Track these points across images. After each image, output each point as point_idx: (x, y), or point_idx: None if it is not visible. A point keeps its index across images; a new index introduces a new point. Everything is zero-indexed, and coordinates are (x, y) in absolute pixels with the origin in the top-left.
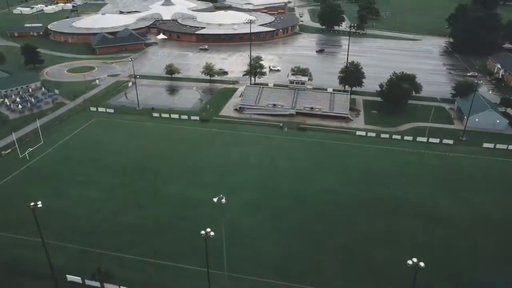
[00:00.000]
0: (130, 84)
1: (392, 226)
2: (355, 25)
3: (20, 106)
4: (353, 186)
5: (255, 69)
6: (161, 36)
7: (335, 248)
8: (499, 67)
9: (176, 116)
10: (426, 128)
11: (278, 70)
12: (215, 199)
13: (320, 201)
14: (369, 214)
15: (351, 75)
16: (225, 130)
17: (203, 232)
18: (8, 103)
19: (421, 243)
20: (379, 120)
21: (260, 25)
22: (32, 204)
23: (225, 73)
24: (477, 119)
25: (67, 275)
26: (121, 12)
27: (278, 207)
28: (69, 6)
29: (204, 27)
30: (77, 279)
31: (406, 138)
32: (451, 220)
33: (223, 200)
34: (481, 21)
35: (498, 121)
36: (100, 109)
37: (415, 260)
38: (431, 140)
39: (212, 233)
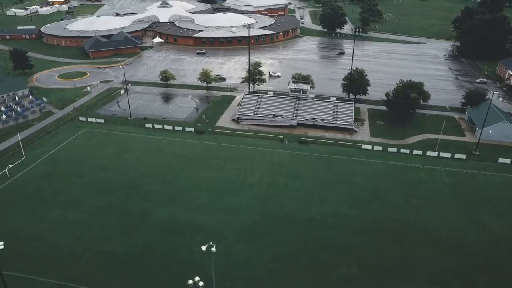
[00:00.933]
0: (122, 91)
1: (404, 255)
2: (360, 29)
3: (4, 116)
4: (360, 208)
5: (254, 75)
6: (157, 39)
7: (341, 280)
8: (511, 73)
9: (169, 127)
10: (435, 140)
11: (278, 76)
12: (203, 247)
13: (324, 225)
14: (378, 240)
15: (356, 83)
16: (221, 143)
17: (190, 281)
18: None
19: (437, 274)
20: (385, 131)
21: (260, 28)
22: None
23: (223, 79)
24: (490, 131)
25: None
26: (117, 14)
27: (277, 233)
28: (65, 7)
29: (201, 30)
30: None
31: (415, 152)
32: (468, 248)
33: (213, 249)
34: (490, 24)
35: None
36: (89, 119)
37: None
38: (442, 154)
39: (201, 283)
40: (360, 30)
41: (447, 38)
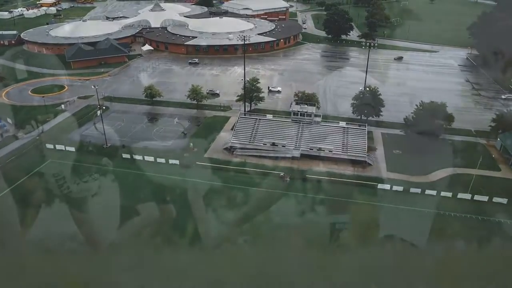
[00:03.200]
0: (99, 112)
1: None
2: (373, 44)
3: None
4: None
5: (250, 93)
6: (147, 47)
7: None
8: None
9: (151, 158)
10: (465, 176)
11: (278, 91)
12: None
13: None
14: None
15: (368, 104)
16: (210, 182)
17: None
18: None
19: None
20: (404, 163)
21: (259, 34)
22: None
23: (216, 95)
24: None
25: None
26: (107, 18)
27: None
28: (53, 10)
29: (196, 37)
30: None
31: (443, 194)
32: None
33: None
34: None
35: None
36: (58, 147)
37: None
38: (476, 197)
39: None
40: (374, 43)
41: (461, 45)
